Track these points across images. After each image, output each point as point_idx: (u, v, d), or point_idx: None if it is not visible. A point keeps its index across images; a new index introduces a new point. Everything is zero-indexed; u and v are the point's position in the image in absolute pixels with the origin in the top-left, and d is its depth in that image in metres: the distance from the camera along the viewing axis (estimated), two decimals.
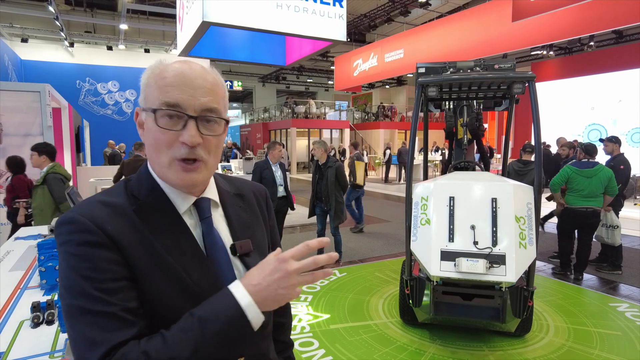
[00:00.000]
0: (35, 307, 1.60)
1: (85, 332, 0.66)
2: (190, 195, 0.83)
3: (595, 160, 4.69)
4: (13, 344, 1.45)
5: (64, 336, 1.49)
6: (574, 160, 4.94)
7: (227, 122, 0.85)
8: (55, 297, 1.67)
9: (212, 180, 0.91)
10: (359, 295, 4.29)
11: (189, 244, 0.79)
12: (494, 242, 2.74)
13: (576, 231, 4.93)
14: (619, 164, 5.04)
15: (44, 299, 1.79)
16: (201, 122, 0.78)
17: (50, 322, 1.59)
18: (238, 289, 0.70)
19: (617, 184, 4.76)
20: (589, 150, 4.72)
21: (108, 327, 0.66)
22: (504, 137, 4.31)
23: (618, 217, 5.01)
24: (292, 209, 5.27)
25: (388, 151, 15.88)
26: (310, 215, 5.36)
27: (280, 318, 1.04)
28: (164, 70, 0.78)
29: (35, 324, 1.58)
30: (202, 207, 0.84)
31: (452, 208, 2.88)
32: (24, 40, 14.57)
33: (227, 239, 0.86)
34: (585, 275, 4.95)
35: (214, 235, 0.83)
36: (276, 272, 0.70)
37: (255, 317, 0.69)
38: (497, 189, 2.90)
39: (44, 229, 3.11)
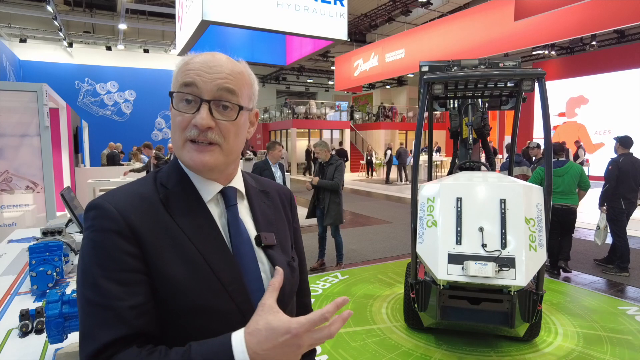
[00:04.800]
0: (24, 315, 1.50)
1: (85, 323, 0.67)
2: (216, 183, 0.83)
3: (564, 158, 5.00)
4: None
5: (53, 347, 1.40)
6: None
7: (242, 108, 0.81)
8: (45, 305, 1.58)
9: (239, 172, 0.91)
10: (362, 298, 4.20)
11: (212, 232, 0.78)
12: (503, 245, 2.65)
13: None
14: (610, 163, 5.07)
15: (33, 306, 1.70)
16: (216, 107, 0.78)
17: (39, 332, 1.49)
18: (239, 348, 0.64)
19: (605, 182, 5.01)
20: (555, 149, 4.97)
21: (106, 322, 0.66)
22: (510, 136, 4.23)
23: (621, 218, 4.97)
24: None
25: (389, 152, 15.80)
26: (308, 216, 5.27)
27: (304, 298, 1.04)
28: (190, 59, 0.80)
29: (24, 333, 1.48)
30: (228, 196, 0.84)
31: (459, 209, 2.79)
32: (23, 41, 14.50)
33: (251, 231, 0.85)
34: (592, 277, 4.87)
35: (239, 224, 0.83)
36: (288, 346, 0.65)
37: None
38: (506, 189, 2.81)
39: (37, 232, 3.01)
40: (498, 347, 3.18)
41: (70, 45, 15.25)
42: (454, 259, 2.66)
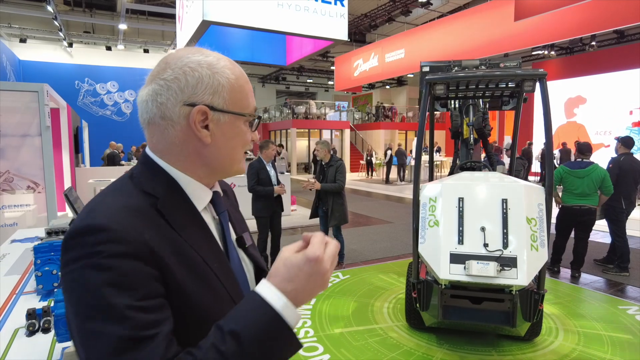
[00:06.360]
0: (31, 314, 1.52)
1: None
2: (207, 188, 0.81)
3: (590, 160, 4.79)
4: (6, 354, 1.37)
5: (60, 346, 1.41)
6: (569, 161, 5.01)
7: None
8: (52, 304, 1.60)
9: None
10: (363, 298, 4.21)
11: (211, 242, 0.77)
12: (505, 245, 2.67)
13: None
14: (611, 162, 5.08)
15: (39, 305, 1.71)
16: None
17: (46, 330, 1.51)
18: (270, 291, 0.63)
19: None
20: (582, 149, 4.83)
21: (148, 355, 0.58)
22: (510, 136, 4.24)
23: (621, 217, 5.00)
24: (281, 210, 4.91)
25: (389, 152, 15.81)
26: (311, 217, 5.28)
27: None
28: (239, 73, 0.80)
29: (30, 332, 1.49)
30: (217, 202, 0.84)
31: (461, 209, 2.80)
32: (23, 41, 14.50)
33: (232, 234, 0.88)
34: (592, 277, 4.88)
35: (229, 230, 0.84)
36: (314, 275, 0.65)
37: (293, 318, 0.64)
38: (507, 189, 2.82)
39: (41, 231, 3.02)
40: (499, 346, 3.20)
41: (70, 45, 15.25)
42: (456, 258, 2.68)
